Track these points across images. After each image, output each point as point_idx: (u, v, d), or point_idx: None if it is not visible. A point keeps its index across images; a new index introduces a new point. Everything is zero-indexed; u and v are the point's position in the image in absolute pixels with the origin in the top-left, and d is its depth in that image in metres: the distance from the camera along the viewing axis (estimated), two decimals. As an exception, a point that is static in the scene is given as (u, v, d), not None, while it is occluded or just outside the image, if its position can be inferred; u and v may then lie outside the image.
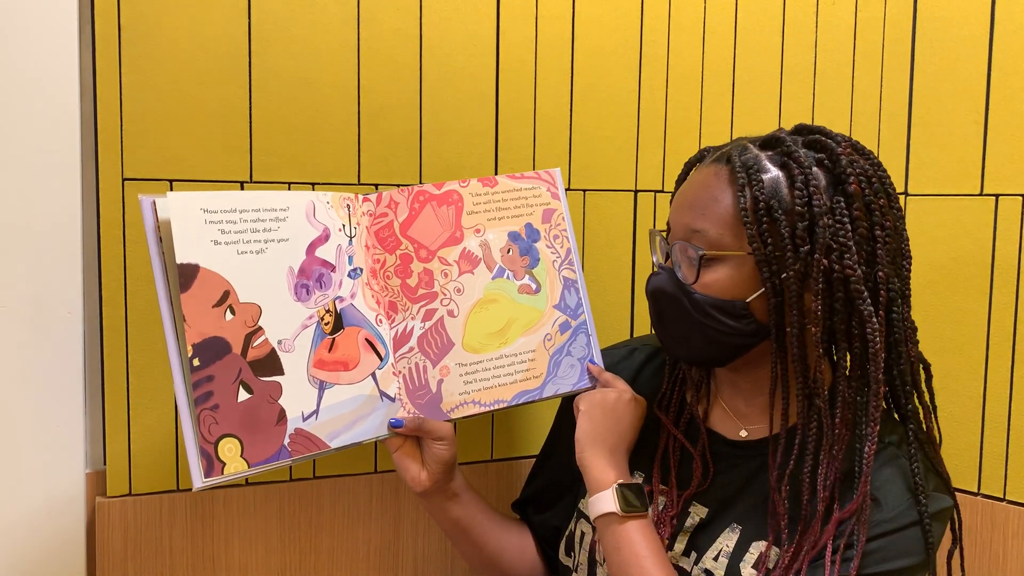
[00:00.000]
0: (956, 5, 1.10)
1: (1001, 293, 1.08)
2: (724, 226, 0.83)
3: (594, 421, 0.91)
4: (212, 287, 0.81)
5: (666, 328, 0.90)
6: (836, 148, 0.83)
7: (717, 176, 0.85)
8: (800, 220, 0.80)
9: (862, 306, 0.80)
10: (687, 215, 0.86)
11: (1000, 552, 1.09)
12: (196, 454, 0.80)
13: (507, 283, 0.97)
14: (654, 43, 1.21)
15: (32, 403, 0.96)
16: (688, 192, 0.88)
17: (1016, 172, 1.07)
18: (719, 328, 0.84)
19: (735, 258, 0.83)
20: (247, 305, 0.83)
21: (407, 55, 1.08)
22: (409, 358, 0.93)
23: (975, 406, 1.11)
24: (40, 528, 0.98)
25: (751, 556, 0.85)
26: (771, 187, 0.82)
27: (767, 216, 0.81)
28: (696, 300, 0.84)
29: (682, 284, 0.85)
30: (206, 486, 0.80)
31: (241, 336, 0.83)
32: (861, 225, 0.81)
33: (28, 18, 0.93)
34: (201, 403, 0.80)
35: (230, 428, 0.81)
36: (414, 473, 0.93)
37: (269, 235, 0.86)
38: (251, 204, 0.85)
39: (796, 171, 0.82)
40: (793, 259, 0.80)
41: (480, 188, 0.98)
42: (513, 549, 1.03)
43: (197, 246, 0.81)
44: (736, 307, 0.83)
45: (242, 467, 0.82)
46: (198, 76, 1.00)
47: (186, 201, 0.81)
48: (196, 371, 0.80)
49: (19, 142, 0.94)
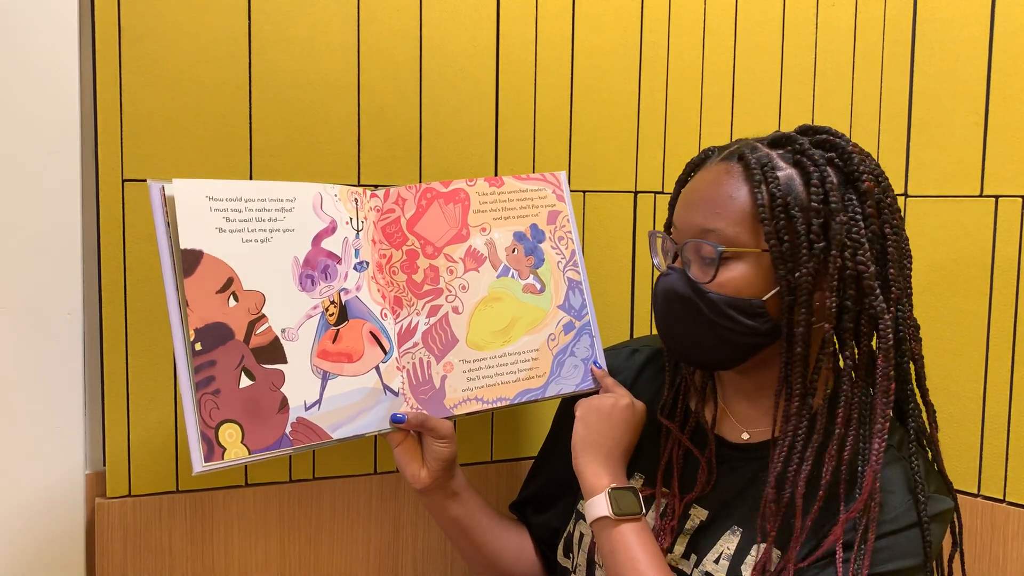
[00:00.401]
0: (956, 6, 1.10)
1: (1001, 295, 1.08)
2: (740, 223, 0.83)
3: (589, 427, 0.91)
4: (216, 273, 0.82)
5: (677, 331, 0.88)
6: (846, 147, 0.83)
7: (729, 173, 0.84)
8: (816, 217, 0.81)
9: (875, 302, 0.81)
10: (698, 213, 0.85)
11: (1000, 554, 1.09)
12: (197, 438, 0.79)
13: (512, 282, 0.98)
14: (654, 44, 1.21)
15: (31, 404, 0.96)
16: (699, 190, 0.87)
17: (1016, 173, 1.07)
18: (734, 328, 0.83)
19: (751, 255, 0.83)
20: (251, 293, 0.83)
21: (407, 55, 1.08)
22: (413, 353, 0.94)
23: (975, 407, 1.11)
24: (39, 529, 0.98)
25: (752, 558, 0.85)
26: (786, 184, 0.82)
27: (784, 213, 0.81)
28: (711, 300, 0.83)
29: (695, 284, 0.84)
30: (206, 471, 0.79)
31: (244, 323, 0.83)
32: (873, 223, 0.82)
33: (28, 18, 0.93)
34: (202, 387, 0.80)
35: (231, 414, 0.81)
36: (414, 470, 0.93)
37: (275, 225, 0.86)
38: (257, 194, 0.85)
39: (811, 168, 0.82)
40: (808, 256, 0.81)
41: (487, 188, 0.98)
42: (512, 549, 1.03)
43: (201, 232, 0.81)
44: (753, 305, 0.83)
45: (243, 453, 0.81)
46: (198, 76, 0.99)
47: (191, 188, 0.81)
48: (198, 355, 0.80)
49: (19, 142, 0.94)
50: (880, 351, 0.82)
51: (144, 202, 0.98)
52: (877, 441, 0.82)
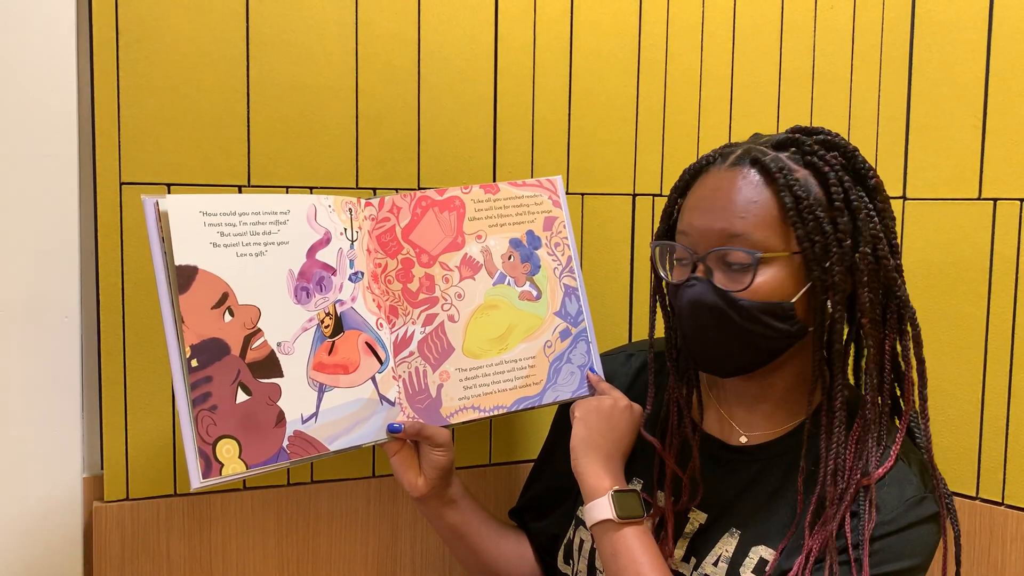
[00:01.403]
0: (954, 9, 1.10)
1: (999, 297, 1.08)
2: (768, 227, 0.82)
3: (589, 428, 0.91)
4: (211, 289, 0.81)
5: (711, 341, 0.85)
6: (847, 146, 0.85)
7: (746, 179, 0.84)
8: (840, 216, 0.82)
9: (899, 292, 0.84)
10: (720, 221, 0.83)
11: (999, 557, 1.09)
12: (195, 454, 0.80)
13: (508, 289, 0.97)
14: (653, 47, 1.21)
15: (29, 408, 0.96)
16: (716, 197, 0.85)
17: (1014, 176, 1.07)
18: (766, 333, 0.83)
19: (780, 259, 0.83)
20: (246, 307, 0.83)
21: (405, 59, 1.08)
22: (409, 362, 0.93)
23: (973, 410, 1.11)
24: (37, 533, 0.98)
25: (751, 561, 0.86)
26: (806, 186, 0.83)
27: (810, 214, 0.82)
28: (743, 307, 0.82)
29: (725, 293, 0.83)
30: (204, 487, 0.80)
31: (240, 338, 0.83)
32: (886, 216, 0.85)
33: (26, 22, 0.93)
34: (199, 404, 0.80)
35: (228, 429, 0.81)
36: (411, 478, 0.93)
37: (269, 238, 0.86)
38: (251, 207, 0.85)
39: (825, 169, 0.83)
40: (839, 255, 0.82)
41: (482, 195, 0.98)
42: (510, 556, 1.03)
43: (196, 248, 0.81)
44: (784, 308, 0.83)
45: (240, 468, 0.81)
46: (196, 80, 0.99)
47: (185, 204, 0.81)
48: (194, 372, 0.80)
49: (17, 146, 0.94)
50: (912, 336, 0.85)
51: (141, 205, 0.98)
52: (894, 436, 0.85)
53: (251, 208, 0.85)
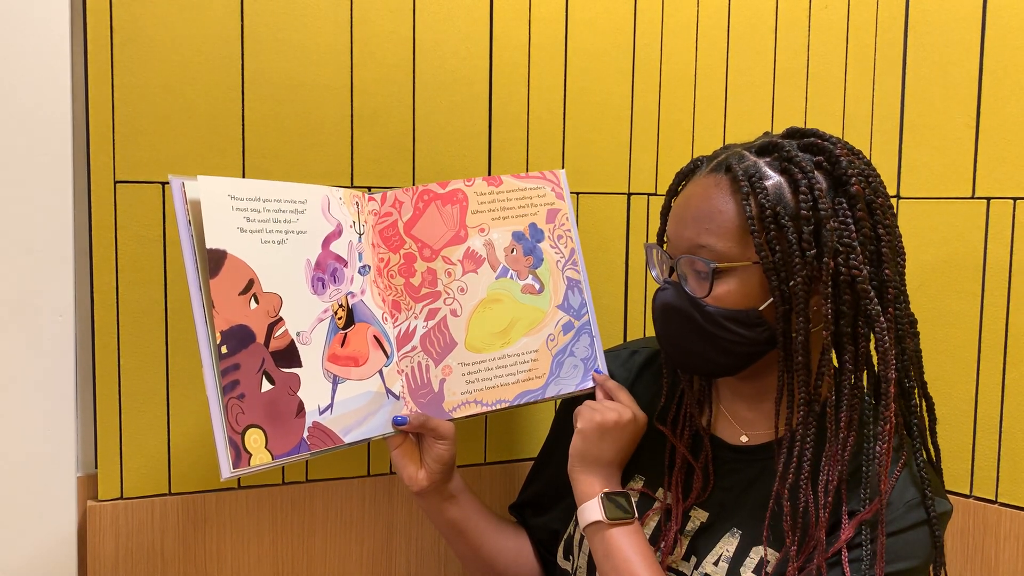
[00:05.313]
0: (948, 9, 1.11)
1: (992, 296, 1.09)
2: (731, 237, 0.82)
3: (588, 442, 0.91)
4: (238, 274, 0.80)
5: (677, 343, 0.88)
6: (834, 150, 0.83)
7: (718, 186, 0.84)
8: (806, 225, 0.80)
9: (869, 306, 0.81)
10: (690, 228, 0.84)
11: (992, 555, 1.10)
12: (225, 444, 0.78)
13: (511, 283, 0.97)
14: (647, 46, 1.21)
15: (23, 407, 0.96)
16: (688, 204, 0.86)
17: (1008, 175, 1.07)
18: (733, 339, 0.83)
19: (744, 268, 0.82)
20: (270, 295, 0.82)
21: (401, 57, 1.08)
22: (412, 357, 0.93)
23: (967, 408, 1.11)
24: (31, 532, 0.97)
25: (751, 561, 0.86)
26: (775, 194, 0.81)
27: (774, 223, 0.80)
28: (708, 313, 0.83)
29: (692, 298, 0.84)
30: (234, 476, 0.78)
31: (264, 325, 0.82)
32: (865, 225, 0.82)
33: (20, 20, 0.93)
34: (228, 391, 0.79)
35: (255, 419, 0.80)
36: (411, 472, 0.93)
37: (289, 226, 0.85)
38: (273, 194, 0.84)
39: (799, 176, 0.81)
40: (801, 265, 0.80)
41: (485, 187, 0.98)
42: (510, 552, 1.03)
43: (225, 232, 0.80)
44: (750, 316, 0.83)
45: (267, 459, 0.80)
46: (190, 77, 0.99)
47: (215, 186, 0.80)
48: (224, 358, 0.78)
49: (10, 144, 0.93)
50: (878, 353, 0.82)
51: (135, 203, 0.98)
52: (880, 444, 0.82)
53: (273, 195, 0.84)
